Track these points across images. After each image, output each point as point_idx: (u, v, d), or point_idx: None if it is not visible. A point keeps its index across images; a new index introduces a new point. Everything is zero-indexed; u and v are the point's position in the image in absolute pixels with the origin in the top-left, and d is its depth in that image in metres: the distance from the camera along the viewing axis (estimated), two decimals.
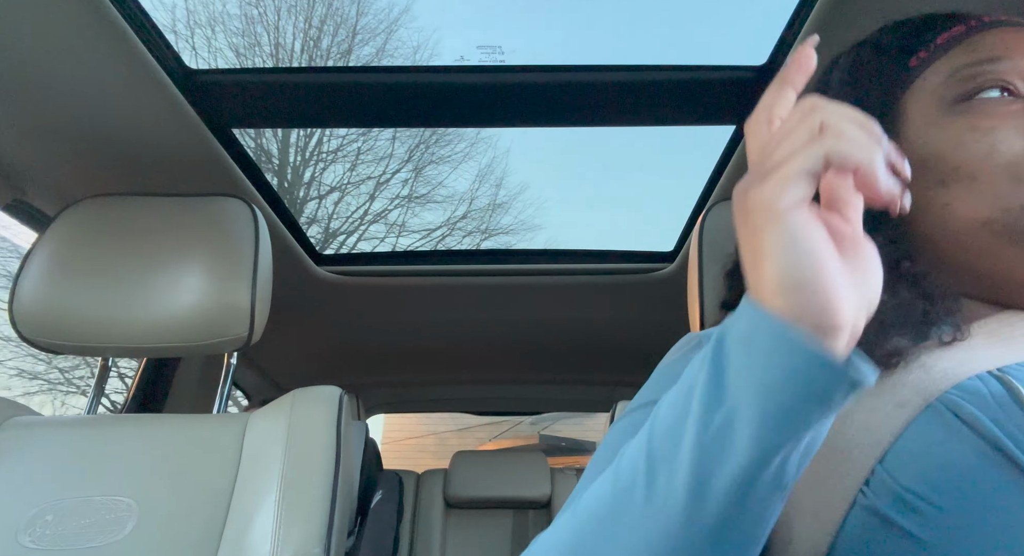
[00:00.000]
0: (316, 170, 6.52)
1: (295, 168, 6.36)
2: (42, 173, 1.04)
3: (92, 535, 0.76)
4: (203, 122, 0.98)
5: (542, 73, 0.99)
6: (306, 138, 6.34)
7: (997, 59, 0.47)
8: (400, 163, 6.63)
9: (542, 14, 8.39)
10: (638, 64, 0.99)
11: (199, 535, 0.78)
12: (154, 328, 0.90)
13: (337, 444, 0.84)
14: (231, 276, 0.92)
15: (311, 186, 6.42)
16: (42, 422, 0.90)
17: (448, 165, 6.78)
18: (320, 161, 6.54)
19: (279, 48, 6.00)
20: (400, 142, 6.46)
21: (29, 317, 0.89)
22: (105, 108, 0.91)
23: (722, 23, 7.44)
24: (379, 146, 6.49)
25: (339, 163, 6.58)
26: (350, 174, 6.56)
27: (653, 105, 1.02)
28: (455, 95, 1.01)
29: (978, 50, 0.48)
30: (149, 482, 0.82)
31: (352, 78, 0.99)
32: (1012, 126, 0.44)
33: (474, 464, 2.17)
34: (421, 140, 6.53)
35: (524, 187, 7.46)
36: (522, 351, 1.94)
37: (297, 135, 6.32)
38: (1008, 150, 0.44)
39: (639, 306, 1.63)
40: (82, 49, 0.80)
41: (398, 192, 6.59)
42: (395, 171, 6.58)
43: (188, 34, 5.43)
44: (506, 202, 6.81)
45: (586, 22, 7.74)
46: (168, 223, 0.95)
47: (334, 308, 1.65)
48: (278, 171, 6.23)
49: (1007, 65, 0.46)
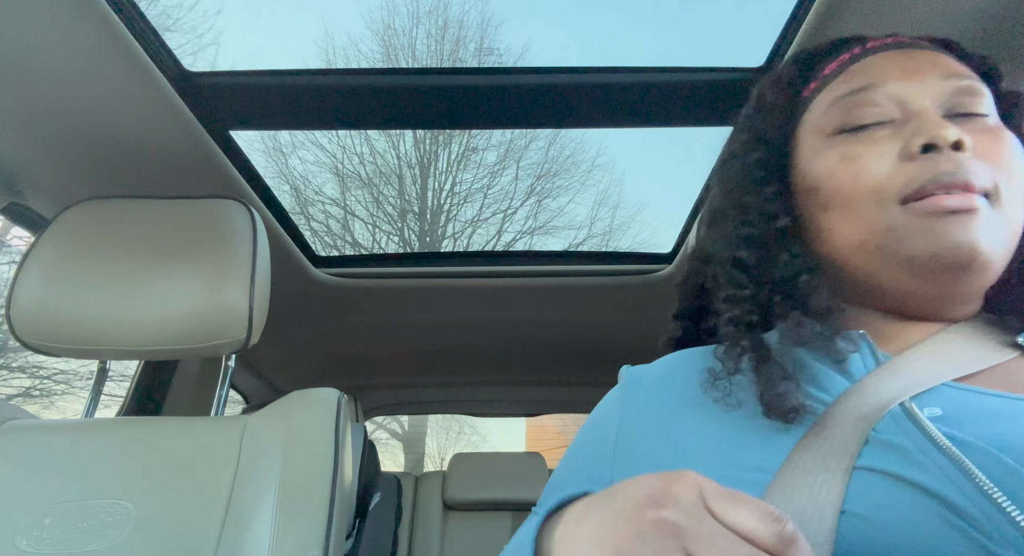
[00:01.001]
0: (452, 211, 7.47)
1: (433, 211, 7.35)
2: (39, 176, 1.04)
3: (90, 539, 0.76)
4: (201, 124, 0.98)
5: (539, 75, 0.99)
6: (443, 181, 7.39)
7: (870, 87, 0.50)
8: (524, 196, 7.36)
9: (541, 15, 8.43)
10: (636, 66, 0.99)
11: (197, 538, 0.77)
12: (151, 331, 0.90)
13: (336, 446, 0.84)
14: (229, 278, 0.92)
15: (447, 224, 7.37)
16: (39, 425, 0.89)
17: (567, 194, 7.40)
18: (455, 201, 7.46)
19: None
20: (521, 180, 7.28)
21: (26, 320, 0.89)
22: (102, 110, 0.91)
23: (719, 25, 7.45)
24: (503, 182, 7.35)
25: (470, 203, 7.43)
26: (480, 211, 7.42)
27: (651, 106, 1.03)
28: (453, 97, 1.01)
29: (855, 78, 0.52)
30: (147, 485, 0.81)
31: (351, 80, 0.99)
32: (877, 154, 0.48)
33: (472, 466, 2.17)
34: (541, 173, 7.26)
35: (642, 207, 7.67)
36: (521, 353, 1.93)
37: (435, 181, 7.36)
38: (872, 177, 0.47)
39: (638, 308, 1.63)
40: (78, 51, 0.80)
41: (523, 227, 7.29)
42: (520, 204, 7.35)
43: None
44: (624, 224, 7.14)
45: (586, 22, 7.77)
46: (165, 225, 0.95)
47: (332, 310, 1.65)
48: (420, 213, 7.26)
49: (879, 93, 0.50)
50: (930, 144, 0.46)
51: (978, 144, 0.46)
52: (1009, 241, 0.46)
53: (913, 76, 0.49)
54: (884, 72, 0.50)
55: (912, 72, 0.50)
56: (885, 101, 0.49)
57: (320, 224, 7.01)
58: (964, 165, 0.45)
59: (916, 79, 0.49)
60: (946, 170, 0.45)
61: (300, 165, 7.26)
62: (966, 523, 0.34)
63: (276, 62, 6.68)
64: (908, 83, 0.49)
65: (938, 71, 0.49)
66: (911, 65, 0.50)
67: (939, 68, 0.50)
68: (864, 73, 0.51)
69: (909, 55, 0.51)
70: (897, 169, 0.47)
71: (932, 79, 0.49)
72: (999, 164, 0.46)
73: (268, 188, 1.23)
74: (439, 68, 1.01)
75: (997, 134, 0.48)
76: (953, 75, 0.49)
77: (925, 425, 0.38)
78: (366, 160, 7.41)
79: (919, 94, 0.49)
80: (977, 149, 0.46)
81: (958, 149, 0.46)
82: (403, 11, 6.90)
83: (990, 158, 0.46)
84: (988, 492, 0.34)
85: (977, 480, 0.35)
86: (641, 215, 7.36)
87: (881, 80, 0.50)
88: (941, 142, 0.45)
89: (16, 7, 0.73)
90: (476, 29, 7.31)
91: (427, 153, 7.49)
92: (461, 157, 7.46)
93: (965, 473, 0.35)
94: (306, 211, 7.09)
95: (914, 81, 0.49)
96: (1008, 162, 0.47)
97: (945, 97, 0.49)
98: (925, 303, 0.48)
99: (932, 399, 0.41)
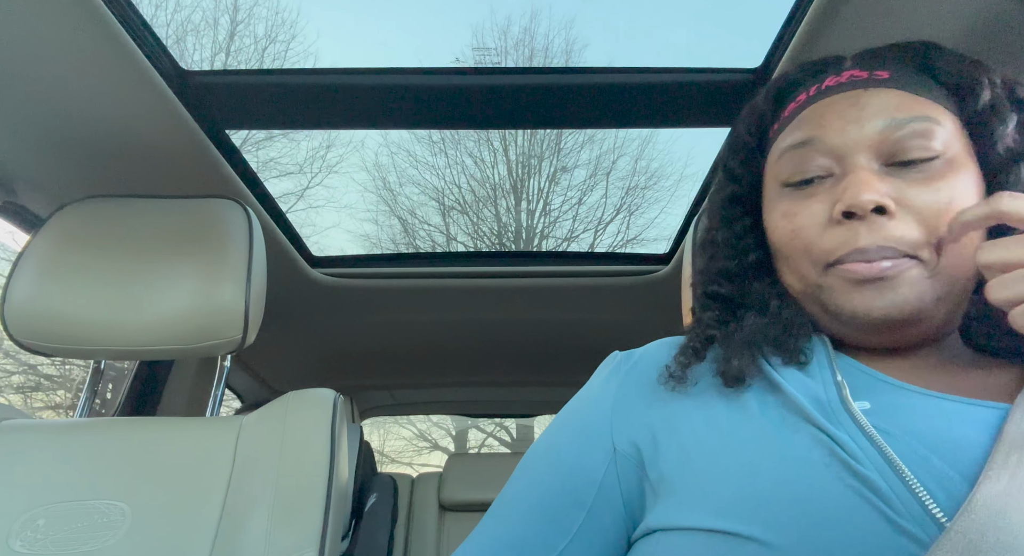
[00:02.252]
0: (546, 230, 8.28)
1: (528, 229, 8.12)
2: (34, 174, 1.03)
3: (84, 539, 0.76)
4: (196, 123, 0.98)
5: (537, 76, 0.99)
6: (536, 202, 8.21)
7: (811, 141, 0.51)
8: (614, 211, 8.07)
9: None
10: (634, 66, 0.99)
11: (192, 539, 0.77)
12: (147, 330, 0.89)
13: (332, 447, 0.84)
14: (225, 278, 0.91)
15: (541, 243, 8.13)
16: (34, 425, 0.89)
17: (656, 206, 8.16)
18: (551, 218, 8.28)
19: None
20: (611, 196, 8.02)
21: (20, 320, 0.88)
22: (97, 109, 0.91)
23: (717, 27, 7.47)
24: (592, 199, 8.05)
25: (562, 222, 8.25)
26: (573, 227, 8.21)
27: (649, 108, 1.03)
28: (452, 97, 1.01)
29: (802, 127, 0.53)
30: (142, 485, 0.81)
31: (348, 80, 0.98)
32: (810, 214, 0.50)
33: (468, 467, 2.16)
34: (631, 186, 7.90)
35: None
36: (518, 353, 1.93)
37: (527, 201, 8.14)
38: (804, 238, 0.50)
39: (635, 308, 1.63)
40: (74, 49, 0.80)
41: (614, 240, 8.01)
42: (611, 219, 8.13)
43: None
44: None
45: (585, 23, 7.83)
46: (161, 225, 0.95)
47: (328, 310, 1.65)
48: (515, 234, 8.03)
49: (818, 147, 0.51)
50: (849, 212, 0.47)
51: (909, 199, 0.47)
52: (947, 286, 0.47)
53: (854, 126, 0.50)
54: (825, 124, 0.51)
55: (854, 121, 0.50)
56: (823, 157, 0.50)
57: (426, 244, 7.82)
58: (884, 234, 0.46)
59: (856, 130, 0.49)
60: (862, 246, 0.46)
61: (407, 200, 8.05)
62: (878, 498, 0.39)
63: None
64: (847, 136, 0.50)
65: (883, 117, 0.49)
66: (853, 114, 0.50)
67: (885, 112, 0.49)
68: (810, 123, 0.52)
69: (856, 100, 0.51)
70: (824, 234, 0.49)
71: (874, 127, 0.49)
72: (932, 218, 0.46)
73: (264, 187, 1.23)
74: (438, 68, 1.01)
75: (939, 181, 0.47)
76: (899, 119, 0.49)
77: (857, 416, 0.43)
78: (463, 189, 8.10)
79: (857, 148, 0.49)
80: (908, 205, 0.47)
81: (882, 213, 0.46)
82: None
83: (921, 214, 0.46)
84: (900, 473, 0.39)
85: (892, 461, 0.40)
86: None
87: (821, 133, 0.51)
88: (860, 210, 0.46)
89: (11, 5, 0.73)
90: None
91: (519, 178, 8.17)
92: (552, 177, 8.14)
93: (884, 456, 0.40)
94: (413, 242, 7.88)
95: (853, 133, 0.49)
96: (946, 212, 0.46)
97: (888, 146, 0.48)
98: (875, 344, 0.50)
99: (865, 394, 0.46)
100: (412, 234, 8.07)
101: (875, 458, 0.40)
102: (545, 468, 0.54)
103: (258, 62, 6.95)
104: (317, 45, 8.35)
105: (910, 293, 0.46)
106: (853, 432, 0.42)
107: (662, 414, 0.51)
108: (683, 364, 0.52)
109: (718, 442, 0.46)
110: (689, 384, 0.51)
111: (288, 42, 7.27)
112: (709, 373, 0.51)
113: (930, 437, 0.41)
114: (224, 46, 7.00)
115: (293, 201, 7.45)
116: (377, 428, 9.04)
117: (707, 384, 0.51)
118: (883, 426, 0.42)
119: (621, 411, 0.52)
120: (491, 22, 11.44)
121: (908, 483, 0.39)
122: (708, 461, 0.45)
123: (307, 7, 7.70)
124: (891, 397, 0.45)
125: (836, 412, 0.44)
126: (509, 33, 9.45)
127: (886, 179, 0.48)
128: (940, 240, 0.46)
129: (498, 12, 10.77)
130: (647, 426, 0.50)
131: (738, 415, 0.47)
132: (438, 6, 8.39)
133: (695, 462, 0.46)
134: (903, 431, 0.42)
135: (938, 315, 0.47)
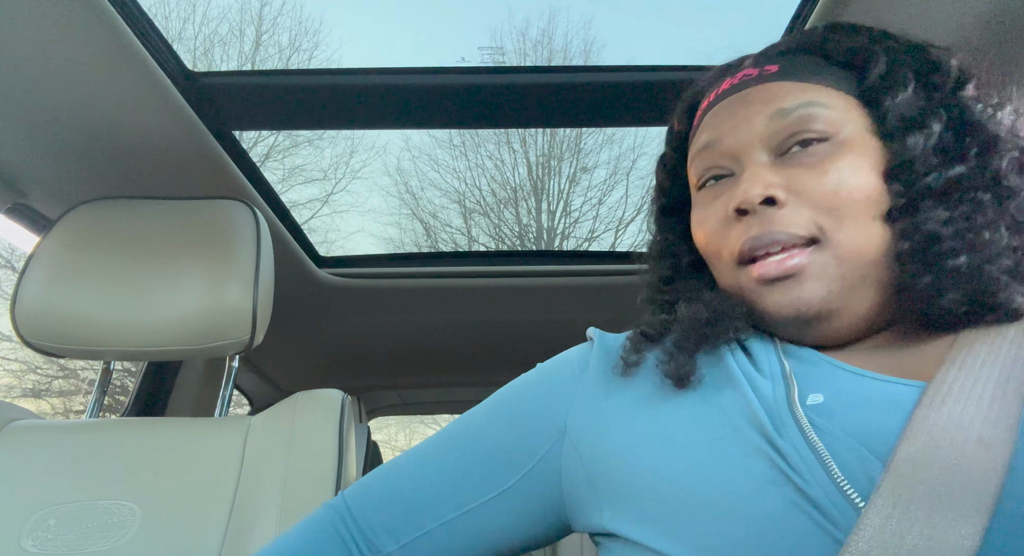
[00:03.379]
0: (567, 230, 8.46)
1: (549, 230, 8.25)
2: (43, 176, 1.04)
3: (95, 539, 0.76)
4: (204, 124, 0.98)
5: (539, 74, 0.99)
6: (556, 203, 8.38)
7: (711, 144, 0.53)
8: (635, 211, 8.23)
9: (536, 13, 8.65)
10: (634, 65, 0.99)
11: (201, 539, 0.77)
12: (156, 331, 0.90)
13: (339, 447, 0.84)
14: (233, 279, 0.92)
15: (563, 243, 8.30)
16: (43, 426, 0.89)
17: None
18: (571, 219, 8.45)
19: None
20: (631, 195, 8.21)
21: (31, 321, 0.89)
22: (106, 111, 0.91)
23: (720, 26, 7.45)
24: (613, 198, 8.33)
25: (583, 222, 8.45)
26: (594, 226, 8.39)
27: (649, 106, 1.02)
28: (456, 96, 1.01)
29: (705, 131, 0.54)
30: (151, 486, 0.81)
31: (355, 80, 0.98)
32: (715, 216, 0.52)
33: None
34: (651, 185, 8.05)
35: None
36: (525, 353, 1.93)
37: (547, 202, 8.32)
38: (714, 242, 0.52)
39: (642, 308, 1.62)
40: (82, 52, 0.80)
41: (636, 240, 8.16)
42: (631, 218, 8.30)
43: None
44: None
45: (603, 23, 7.88)
46: (169, 226, 0.95)
47: (336, 311, 1.65)
48: (536, 235, 8.16)
49: (717, 148, 0.52)
50: (741, 209, 0.48)
51: (798, 186, 0.47)
52: (857, 270, 0.46)
53: (745, 124, 0.51)
54: (720, 126, 0.52)
55: (744, 119, 0.51)
56: (722, 158, 0.52)
57: (448, 247, 7.97)
58: (775, 223, 0.47)
59: (747, 128, 0.50)
60: (755, 235, 0.47)
61: (428, 204, 8.31)
62: (820, 513, 0.38)
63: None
64: (739, 135, 0.51)
65: (769, 110, 0.50)
66: (743, 112, 0.51)
67: (771, 104, 0.50)
68: (709, 127, 0.54)
69: (745, 99, 0.52)
70: (726, 234, 0.50)
71: (761, 121, 0.50)
72: (822, 201, 0.46)
73: (271, 188, 1.23)
74: (437, 68, 1.01)
75: (827, 164, 0.47)
76: (784, 109, 0.49)
77: (801, 422, 0.42)
78: (484, 191, 8.31)
79: (749, 145, 0.50)
80: (799, 192, 0.47)
81: (772, 204, 0.47)
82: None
83: (812, 199, 0.47)
84: (841, 486, 0.38)
85: (833, 472, 0.39)
86: None
87: (719, 135, 0.52)
88: (748, 205, 0.48)
89: (20, 9, 0.73)
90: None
91: (538, 179, 8.36)
92: (572, 177, 8.32)
93: (825, 468, 0.39)
94: (435, 245, 8.09)
95: (744, 131, 0.51)
96: (835, 194, 0.46)
97: (777, 138, 0.49)
98: (809, 340, 0.49)
99: (818, 385, 0.45)
100: (434, 237, 8.19)
101: (816, 471, 0.39)
102: (501, 423, 0.56)
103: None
104: (340, 53, 8.47)
105: (817, 287, 0.46)
106: (797, 441, 0.41)
107: (614, 406, 0.52)
108: (631, 351, 0.54)
109: (660, 449, 0.46)
110: (640, 380, 0.52)
111: (311, 50, 7.35)
112: (659, 372, 0.51)
113: (877, 436, 0.40)
114: (250, 56, 7.15)
115: (318, 207, 7.57)
116: (403, 428, 9.10)
117: (658, 381, 0.51)
118: (829, 428, 0.41)
119: (580, 395, 0.54)
120: (509, 24, 11.51)
121: (850, 498, 0.38)
122: (651, 473, 0.45)
123: (330, 15, 7.83)
124: (845, 386, 0.44)
125: (782, 416, 0.43)
126: (528, 35, 9.55)
127: (780, 170, 0.48)
128: (834, 220, 0.46)
129: (516, 15, 10.84)
130: (599, 413, 0.52)
131: (682, 421, 0.47)
132: (457, 11, 8.49)
133: (636, 473, 0.46)
134: (848, 432, 0.41)
135: (857, 305, 0.47)
